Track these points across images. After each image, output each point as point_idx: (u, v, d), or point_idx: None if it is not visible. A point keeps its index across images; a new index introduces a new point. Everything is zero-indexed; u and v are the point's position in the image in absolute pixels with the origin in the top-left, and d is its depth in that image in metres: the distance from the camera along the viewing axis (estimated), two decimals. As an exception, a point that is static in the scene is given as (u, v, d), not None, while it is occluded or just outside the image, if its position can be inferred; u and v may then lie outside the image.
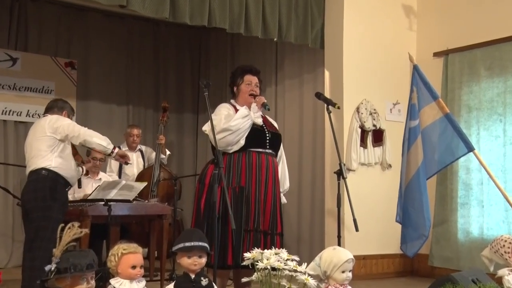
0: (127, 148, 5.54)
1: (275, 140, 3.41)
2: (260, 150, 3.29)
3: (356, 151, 4.85)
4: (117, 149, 3.67)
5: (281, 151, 3.59)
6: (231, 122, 3.16)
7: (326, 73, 5.11)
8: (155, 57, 6.60)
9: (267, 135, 3.33)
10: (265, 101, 3.34)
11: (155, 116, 6.44)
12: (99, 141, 3.55)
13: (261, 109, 3.34)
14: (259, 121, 3.30)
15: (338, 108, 3.55)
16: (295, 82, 5.56)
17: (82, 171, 3.91)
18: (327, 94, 4.97)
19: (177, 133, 6.72)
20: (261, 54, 5.97)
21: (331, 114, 3.47)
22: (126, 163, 3.82)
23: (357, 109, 4.91)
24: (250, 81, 3.42)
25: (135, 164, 5.53)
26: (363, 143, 4.90)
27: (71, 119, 3.75)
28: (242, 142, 3.22)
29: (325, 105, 3.51)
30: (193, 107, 6.83)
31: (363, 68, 5.04)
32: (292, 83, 5.60)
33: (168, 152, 5.62)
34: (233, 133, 3.16)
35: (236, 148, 3.22)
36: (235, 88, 3.48)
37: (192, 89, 6.81)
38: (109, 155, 3.64)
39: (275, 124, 3.62)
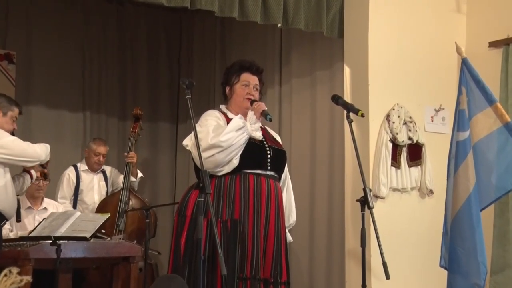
0: (86, 168, 5.57)
1: (279, 159, 3.44)
2: (259, 172, 3.32)
3: (386, 172, 4.86)
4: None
5: (286, 173, 3.63)
6: (222, 136, 3.19)
7: (346, 70, 5.14)
8: (121, 49, 6.64)
9: (268, 152, 3.37)
10: (266, 108, 3.38)
11: (121, 127, 6.49)
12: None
13: (260, 118, 3.38)
14: (258, 134, 3.35)
15: (362, 115, 3.58)
16: (306, 82, 5.59)
17: (32, 178, 3.97)
18: (347, 97, 4.98)
19: (150, 149, 6.74)
20: (260, 45, 6.01)
21: (352, 123, 3.50)
22: (45, 177, 3.89)
23: (387, 117, 4.94)
24: (248, 82, 3.47)
25: (96, 190, 5.54)
26: (395, 161, 4.92)
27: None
28: (236, 162, 3.25)
29: (345, 112, 3.54)
30: (171, 114, 6.86)
31: (395, 63, 5.08)
32: (301, 83, 5.63)
33: (140, 175, 5.65)
34: (224, 150, 3.20)
35: (227, 169, 3.25)
36: (227, 89, 3.52)
37: (170, 90, 6.85)
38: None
39: (279, 139, 3.66)
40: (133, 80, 6.69)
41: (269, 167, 3.36)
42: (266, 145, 3.41)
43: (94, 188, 5.53)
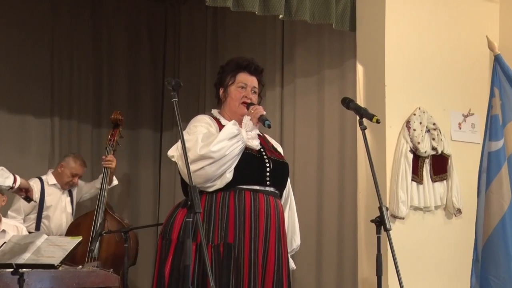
0: (54, 183, 5.56)
1: (280, 173, 3.44)
2: (257, 187, 3.33)
3: (405, 188, 4.86)
4: (19, 180, 3.82)
5: (289, 189, 3.63)
6: (213, 145, 3.20)
7: (359, 69, 5.15)
8: (96, 44, 6.66)
9: (268, 164, 3.37)
10: (264, 113, 3.39)
11: (96, 134, 6.50)
12: None
13: (258, 125, 3.39)
14: (255, 143, 3.35)
15: (378, 121, 3.59)
16: (311, 83, 5.60)
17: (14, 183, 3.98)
18: (360, 100, 5.00)
19: (130, 161, 6.75)
20: (259, 39, 6.03)
21: (366, 131, 3.51)
22: (27, 199, 3.89)
23: (407, 124, 4.95)
24: (245, 83, 3.48)
25: (63, 209, 5.54)
26: (417, 176, 4.93)
27: None
28: (229, 175, 3.26)
29: (357, 117, 3.55)
30: (154, 120, 6.88)
31: (416, 60, 5.09)
32: (306, 84, 5.63)
33: (115, 182, 5.64)
34: (216, 162, 3.20)
35: (220, 184, 3.26)
36: (221, 91, 3.53)
37: (153, 92, 6.87)
38: (11, 189, 3.78)
39: (280, 149, 3.66)
40: (110, 81, 6.71)
41: (268, 182, 3.36)
42: (265, 156, 3.41)
43: (62, 207, 5.53)
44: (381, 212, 3.36)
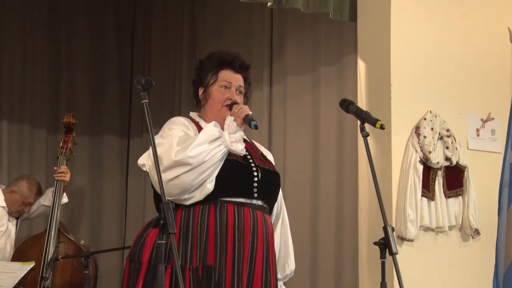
0: (3, 205, 5.55)
1: (270, 184, 3.44)
2: (242, 200, 3.32)
3: (414, 204, 4.87)
4: None
5: (281, 204, 3.63)
6: (190, 149, 3.19)
7: (361, 65, 5.17)
8: (53, 36, 6.67)
9: (255, 173, 3.38)
10: (250, 113, 3.40)
11: (52, 141, 6.49)
12: None
13: (243, 127, 3.39)
14: (240, 147, 3.34)
15: (382, 127, 3.59)
16: (305, 82, 5.62)
17: None
18: (361, 102, 5.04)
19: (90, 173, 6.74)
20: (244, 31, 6.06)
21: (368, 138, 3.53)
22: None
23: (417, 130, 4.97)
24: (229, 82, 3.48)
25: (7, 234, 5.52)
26: (428, 190, 4.94)
27: None
28: (210, 186, 3.25)
29: (358, 122, 3.57)
30: (120, 125, 6.90)
31: (427, 55, 5.11)
32: (298, 82, 5.66)
33: (65, 199, 5.61)
34: (194, 169, 3.19)
35: (199, 196, 3.24)
36: (201, 91, 3.54)
37: (120, 93, 6.89)
38: None
39: (270, 157, 3.66)
40: (69, 80, 6.71)
41: (255, 194, 3.34)
42: (253, 164, 3.40)
43: (7, 232, 5.50)
44: (386, 233, 3.37)
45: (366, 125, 3.51)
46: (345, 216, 5.23)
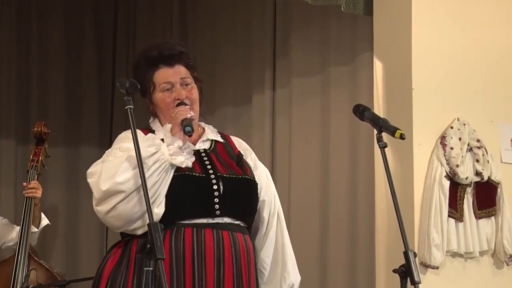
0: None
1: (237, 195, 3.36)
2: (203, 221, 3.29)
3: (440, 226, 4.87)
4: None
5: (271, 210, 3.56)
6: (118, 175, 3.15)
7: (377, 66, 5.17)
8: (22, 31, 6.68)
9: (215, 187, 3.34)
10: (188, 115, 3.31)
11: (22, 154, 6.48)
12: None
13: (180, 132, 3.30)
14: (179, 161, 3.25)
15: (402, 137, 3.59)
16: (313, 84, 5.64)
17: None
18: (378, 108, 5.04)
19: (67, 190, 6.76)
20: (242, 27, 6.07)
21: (386, 149, 3.53)
22: None
23: (442, 140, 4.96)
24: (168, 82, 3.42)
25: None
26: (455, 210, 4.93)
27: None
28: (159, 210, 3.18)
29: (375, 131, 3.57)
30: (100, 134, 6.91)
31: (455, 55, 5.11)
32: (305, 85, 5.67)
33: (45, 221, 5.61)
34: (129, 196, 3.16)
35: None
36: (148, 102, 3.51)
37: (99, 97, 6.91)
38: None
39: (250, 155, 3.59)
40: (40, 83, 6.72)
41: (218, 212, 3.29)
42: (212, 176, 3.38)
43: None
44: (408, 260, 3.36)
45: (384, 135, 3.51)
46: (360, 240, 5.24)
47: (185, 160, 3.28)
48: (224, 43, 5.94)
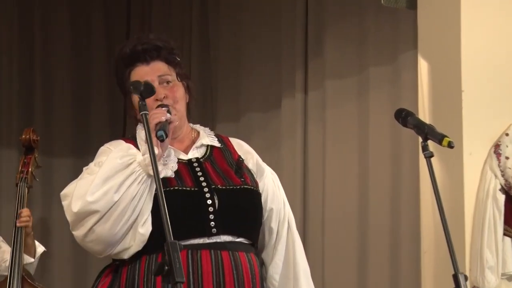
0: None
1: (236, 209, 3.34)
2: (198, 241, 3.25)
3: (494, 246, 4.85)
4: None
5: (281, 219, 3.51)
6: (89, 193, 3.12)
7: (422, 65, 5.16)
8: (24, 29, 6.73)
9: (209, 202, 3.30)
10: (163, 118, 3.24)
11: (13, 162, 6.51)
12: None
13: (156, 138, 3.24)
14: (159, 170, 3.20)
15: (451, 146, 3.59)
16: (349, 86, 5.67)
17: None
18: (423, 113, 5.03)
19: (58, 200, 6.76)
20: (270, 22, 6.10)
21: (432, 159, 3.52)
22: None
23: (496, 149, 4.95)
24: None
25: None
26: (512, 227, 4.94)
27: None
28: (143, 230, 3.13)
29: (420, 139, 3.56)
30: (110, 140, 6.90)
31: (509, 55, 5.08)
32: (341, 87, 5.70)
33: (40, 249, 5.62)
34: (105, 215, 3.12)
35: (136, 246, 3.20)
36: (129, 106, 3.48)
37: (110, 101, 6.97)
38: None
39: (253, 157, 3.54)
40: (43, 84, 6.79)
41: (214, 230, 3.25)
42: (206, 189, 3.35)
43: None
44: (457, 283, 3.36)
45: (430, 143, 3.49)
46: (403, 261, 5.25)
47: (163, 170, 3.20)
48: (249, 41, 5.95)
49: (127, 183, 3.16)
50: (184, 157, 3.36)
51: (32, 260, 5.43)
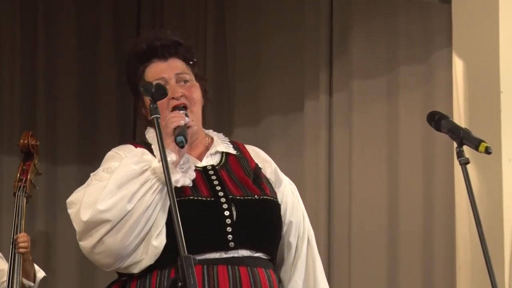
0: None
1: (255, 221, 3.36)
2: (215, 256, 3.25)
3: (537, 261, 4.86)
4: None
5: (298, 236, 3.50)
6: (100, 201, 3.11)
7: (458, 64, 5.19)
8: (25, 25, 6.78)
9: (227, 213, 3.29)
10: (183, 122, 3.22)
11: (10, 168, 6.54)
12: None
13: (174, 143, 3.21)
14: (177, 179, 3.20)
15: (488, 151, 3.58)
16: (378, 87, 5.68)
17: None
18: (458, 116, 5.05)
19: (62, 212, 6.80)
20: (292, 18, 6.11)
21: (468, 166, 3.49)
22: None
23: (541, 156, 4.95)
24: (161, 77, 3.35)
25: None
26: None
27: None
28: (157, 242, 3.14)
29: (454, 144, 3.54)
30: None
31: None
32: (368, 88, 5.72)
33: (40, 274, 5.62)
34: (116, 226, 3.12)
35: (148, 260, 3.20)
36: (141, 106, 3.45)
37: (119, 104, 7.02)
38: None
39: (270, 166, 3.53)
40: (47, 86, 6.83)
41: (232, 244, 3.25)
42: (223, 199, 3.34)
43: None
44: (496, 301, 3.35)
45: (466, 148, 3.48)
46: (437, 277, 5.26)
47: (181, 178, 3.21)
48: (269, 39, 5.95)
49: (142, 191, 3.16)
50: (198, 164, 3.35)
51: (32, 284, 5.42)
